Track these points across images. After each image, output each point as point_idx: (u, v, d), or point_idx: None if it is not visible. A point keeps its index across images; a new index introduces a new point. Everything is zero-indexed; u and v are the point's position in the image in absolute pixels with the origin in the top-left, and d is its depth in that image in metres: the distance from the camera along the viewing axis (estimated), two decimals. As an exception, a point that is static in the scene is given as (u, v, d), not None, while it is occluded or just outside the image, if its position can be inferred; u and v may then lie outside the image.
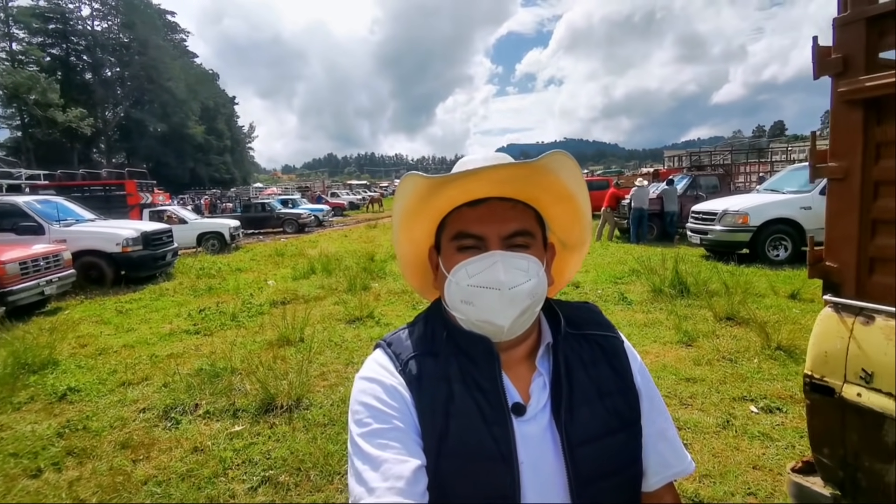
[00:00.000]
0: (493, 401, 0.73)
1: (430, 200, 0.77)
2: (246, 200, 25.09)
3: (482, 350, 0.76)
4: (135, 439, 3.18)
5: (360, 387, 0.76)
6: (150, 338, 5.47)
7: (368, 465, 0.67)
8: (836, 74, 1.51)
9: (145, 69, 50.05)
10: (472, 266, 0.74)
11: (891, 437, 1.38)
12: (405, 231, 0.84)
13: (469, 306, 0.74)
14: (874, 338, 1.42)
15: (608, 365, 0.81)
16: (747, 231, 8.45)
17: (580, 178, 0.78)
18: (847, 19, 1.48)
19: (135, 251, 8.86)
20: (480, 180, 0.72)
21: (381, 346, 0.82)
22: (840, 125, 1.52)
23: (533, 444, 0.72)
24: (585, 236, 0.89)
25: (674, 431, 0.85)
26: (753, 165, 20.97)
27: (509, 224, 0.75)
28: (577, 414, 0.74)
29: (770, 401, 3.30)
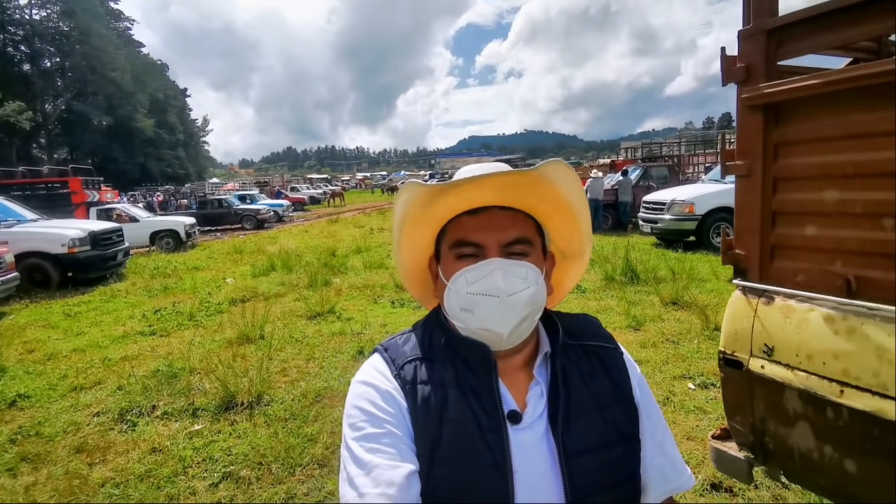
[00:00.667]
0: (489, 408, 0.72)
1: (431, 209, 0.77)
2: (202, 197, 24.32)
3: (479, 357, 0.76)
4: (90, 443, 3.14)
5: (355, 391, 0.77)
6: (102, 341, 5.33)
7: (361, 469, 0.67)
8: (740, 82, 1.68)
9: (87, 59, 47.48)
10: (471, 274, 0.74)
11: (790, 404, 1.57)
12: (406, 239, 0.84)
13: (468, 314, 0.75)
14: (774, 316, 1.61)
15: (607, 376, 0.81)
16: (693, 220, 8.90)
17: (579, 189, 0.79)
18: (749, 31, 1.64)
19: (82, 252, 8.52)
20: (480, 188, 0.73)
21: (378, 350, 0.83)
22: (744, 127, 1.69)
23: (528, 453, 0.72)
24: (585, 246, 0.89)
25: (673, 446, 0.84)
26: (703, 156, 21.89)
27: (508, 232, 0.76)
28: (574, 424, 0.74)
29: (706, 377, 3.56)
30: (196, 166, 67.98)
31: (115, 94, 49.16)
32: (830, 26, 1.50)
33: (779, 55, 1.62)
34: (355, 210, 26.71)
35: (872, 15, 1.41)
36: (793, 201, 1.61)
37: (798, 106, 1.55)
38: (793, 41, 1.58)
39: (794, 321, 1.56)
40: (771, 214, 1.66)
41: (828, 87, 1.45)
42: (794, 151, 1.59)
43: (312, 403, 3.50)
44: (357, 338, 4.91)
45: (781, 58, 1.63)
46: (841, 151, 1.46)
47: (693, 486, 0.85)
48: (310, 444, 2.97)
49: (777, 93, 1.55)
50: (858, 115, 1.40)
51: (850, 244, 1.47)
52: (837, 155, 1.47)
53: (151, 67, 60.39)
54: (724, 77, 1.72)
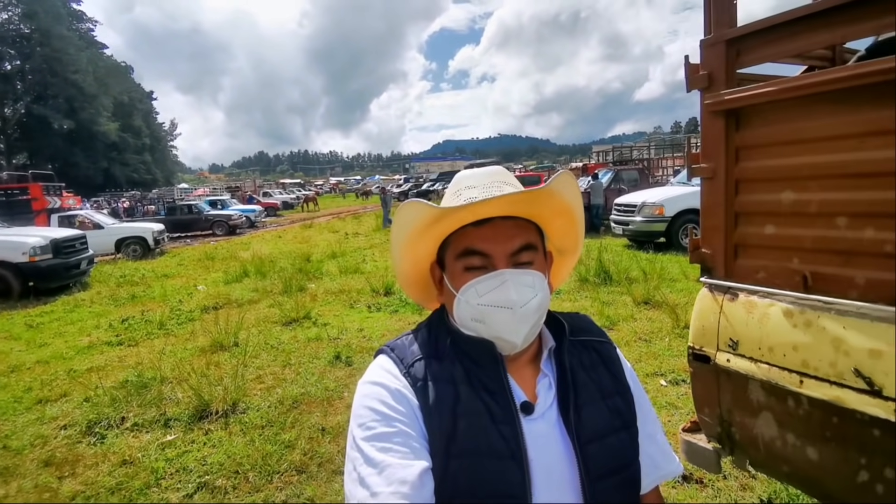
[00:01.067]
0: (501, 401, 0.74)
1: (437, 225, 0.78)
2: (170, 202, 23.71)
3: (486, 353, 0.77)
4: (58, 456, 3.05)
5: (364, 391, 0.76)
6: (67, 352, 5.15)
7: (373, 468, 0.67)
8: (703, 88, 1.76)
9: (48, 62, 45.80)
10: (481, 285, 0.75)
11: (754, 395, 1.65)
12: (408, 252, 0.85)
13: (480, 324, 0.76)
14: (738, 311, 1.68)
15: (605, 369, 0.85)
16: (663, 221, 9.14)
17: (577, 192, 0.84)
18: (711, 41, 1.72)
19: (43, 260, 8.22)
20: (488, 204, 0.74)
21: (384, 351, 0.83)
22: (708, 132, 1.77)
23: (542, 442, 0.74)
24: (579, 241, 0.93)
25: (663, 435, 0.90)
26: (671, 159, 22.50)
27: (514, 241, 0.77)
28: (584, 413, 0.77)
29: (677, 374, 3.67)
30: (164, 171, 66.17)
31: (77, 97, 47.52)
32: (786, 36, 1.58)
33: (738, 63, 1.70)
34: (329, 215, 26.47)
35: (825, 25, 1.49)
36: (753, 202, 1.69)
37: (756, 111, 1.64)
38: (751, 50, 1.67)
39: (756, 316, 1.64)
40: (734, 215, 1.74)
41: (783, 94, 1.53)
42: (753, 155, 1.67)
43: (289, 410, 3.46)
44: (334, 343, 4.87)
45: (740, 66, 1.71)
46: (796, 155, 1.54)
47: (681, 472, 0.91)
48: (287, 450, 2.94)
49: (736, 99, 1.63)
50: (811, 120, 1.49)
51: (806, 242, 1.56)
52: (792, 158, 1.55)
53: (115, 69, 58.65)
54: (688, 84, 1.79)
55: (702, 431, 1.96)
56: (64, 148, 47.93)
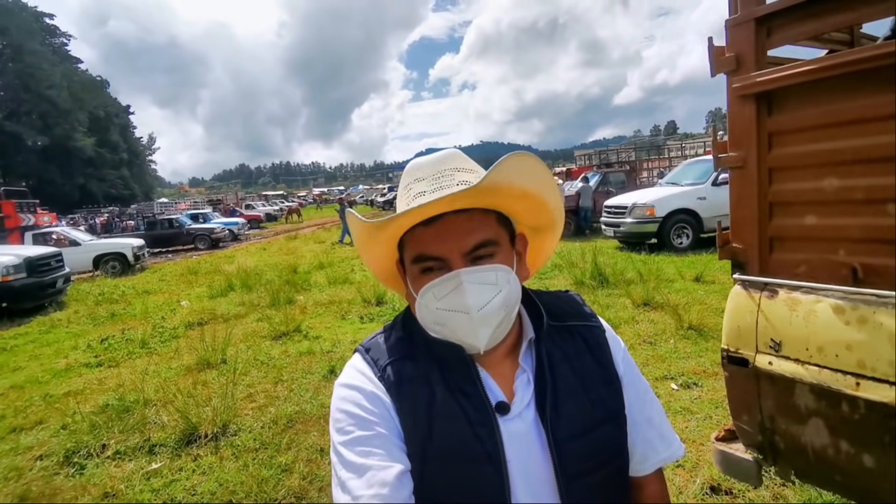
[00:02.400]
0: (477, 402, 0.72)
1: (381, 232, 0.74)
2: (150, 217, 23.17)
3: (455, 357, 0.75)
4: (34, 490, 2.81)
5: (339, 394, 0.75)
6: (42, 376, 4.86)
7: (352, 472, 0.66)
8: (730, 71, 1.64)
9: (20, 77, 44.74)
10: (437, 289, 0.72)
11: (801, 400, 1.52)
12: (369, 257, 0.83)
13: (443, 328, 0.73)
14: (779, 310, 1.56)
15: (591, 356, 0.80)
16: (654, 222, 9.11)
17: (537, 172, 0.73)
18: (738, 20, 1.61)
19: (17, 279, 7.86)
20: (431, 206, 0.67)
21: (359, 351, 0.81)
22: (736, 118, 1.65)
23: (519, 443, 0.71)
24: (555, 216, 0.84)
25: (662, 417, 0.85)
26: (654, 161, 22.73)
27: (469, 238, 0.72)
28: (563, 409, 0.74)
29: (687, 377, 3.55)
30: (142, 186, 64.93)
31: (51, 113, 46.47)
32: (821, 13, 1.48)
33: (769, 43, 1.59)
34: (314, 226, 26.13)
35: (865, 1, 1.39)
36: (790, 191, 1.57)
37: (792, 94, 1.52)
38: (783, 28, 1.56)
39: (801, 314, 1.51)
40: (768, 205, 1.62)
41: (824, 73, 1.41)
42: (789, 140, 1.56)
43: (284, 430, 3.25)
44: (327, 356, 4.67)
45: (771, 46, 1.60)
46: (840, 138, 1.43)
47: (683, 455, 0.85)
48: (284, 475, 2.73)
49: (770, 80, 1.51)
50: (858, 99, 1.37)
51: (854, 232, 1.44)
52: (836, 142, 1.43)
53: (90, 84, 57.52)
54: (713, 67, 1.67)
55: (738, 440, 1.83)
56: (38, 164, 46.74)
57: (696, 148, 27.06)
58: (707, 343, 4.16)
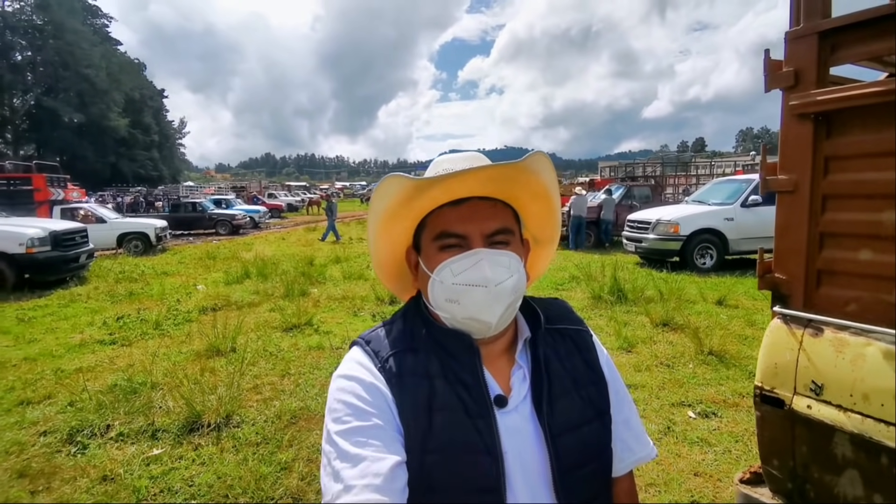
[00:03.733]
0: (476, 395, 0.73)
1: (413, 202, 0.76)
2: (175, 199, 23.57)
3: (462, 345, 0.76)
4: (34, 467, 2.80)
5: (338, 385, 0.75)
6: (56, 349, 4.91)
7: (347, 462, 0.66)
8: (787, 88, 1.52)
9: (60, 55, 45.92)
10: (456, 264, 0.74)
11: (840, 450, 1.39)
12: (384, 232, 0.83)
13: (455, 305, 0.75)
14: (824, 350, 1.43)
15: (580, 357, 0.84)
16: (678, 240, 8.89)
17: (555, 178, 0.82)
18: (799, 33, 1.49)
19: (41, 252, 7.99)
20: (465, 181, 0.73)
21: (358, 343, 0.81)
22: (790, 139, 1.53)
23: (516, 435, 0.73)
24: (556, 232, 0.92)
25: (637, 419, 0.90)
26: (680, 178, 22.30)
27: (491, 222, 0.76)
28: (557, 405, 0.76)
29: (706, 406, 3.40)
30: (171, 169, 66.10)
31: (88, 92, 47.60)
32: (893, 31, 1.35)
33: (833, 60, 1.47)
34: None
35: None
36: (845, 222, 1.45)
37: (856, 116, 1.40)
38: (850, 45, 1.43)
39: (847, 356, 1.39)
40: (818, 235, 1.50)
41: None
42: (848, 166, 1.43)
43: (287, 426, 3.20)
44: (336, 353, 4.62)
45: (834, 63, 1.48)
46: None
47: (655, 457, 0.90)
48: (283, 473, 2.68)
49: (832, 100, 1.39)
50: (931, 127, 1.25)
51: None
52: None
53: (128, 66, 58.82)
54: (768, 82, 1.56)
55: (765, 485, 1.70)
56: (73, 141, 47.96)
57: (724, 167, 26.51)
58: (728, 371, 3.99)
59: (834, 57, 1.45)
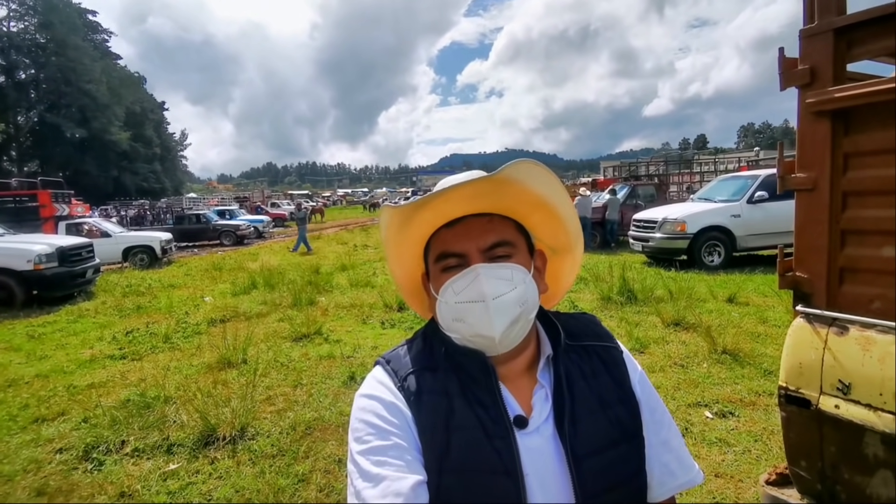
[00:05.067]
0: (495, 415, 0.72)
1: (408, 229, 0.77)
2: (178, 211, 23.65)
3: (478, 365, 0.75)
4: (52, 485, 2.79)
5: (359, 404, 0.76)
6: (68, 366, 4.91)
7: (368, 482, 0.67)
8: (803, 85, 1.52)
9: (62, 71, 46.26)
10: (456, 284, 0.74)
11: (871, 450, 1.38)
12: (395, 260, 0.85)
13: (461, 324, 0.74)
14: (850, 348, 1.42)
15: (608, 375, 0.80)
16: (685, 238, 8.85)
17: (552, 184, 0.77)
18: (814, 30, 1.48)
19: (49, 268, 8.03)
20: (450, 201, 0.73)
21: (380, 363, 0.82)
22: (808, 136, 1.53)
23: (537, 457, 0.71)
24: (573, 239, 0.87)
25: (679, 441, 0.83)
26: (683, 176, 22.27)
27: (487, 237, 0.76)
28: (581, 426, 0.73)
29: (722, 405, 3.37)
30: (173, 181, 66.36)
31: (90, 107, 47.90)
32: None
33: (849, 57, 1.46)
34: (337, 226, 26.34)
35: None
36: (867, 218, 1.43)
37: (874, 112, 1.39)
38: (866, 41, 1.43)
39: (875, 355, 1.37)
40: (840, 233, 1.49)
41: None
42: (868, 163, 1.42)
43: (303, 437, 3.19)
44: (347, 362, 4.61)
45: (850, 60, 1.47)
46: (930, 163, 1.29)
47: (702, 481, 0.82)
48: (301, 485, 2.67)
49: (851, 96, 1.38)
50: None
51: (941, 267, 1.30)
52: (924, 167, 1.30)
53: (128, 80, 59.19)
54: (783, 80, 1.55)
55: (791, 486, 1.68)
56: (75, 156, 48.22)
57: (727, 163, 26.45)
58: (743, 369, 3.96)
59: (850, 53, 1.45)
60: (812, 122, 1.50)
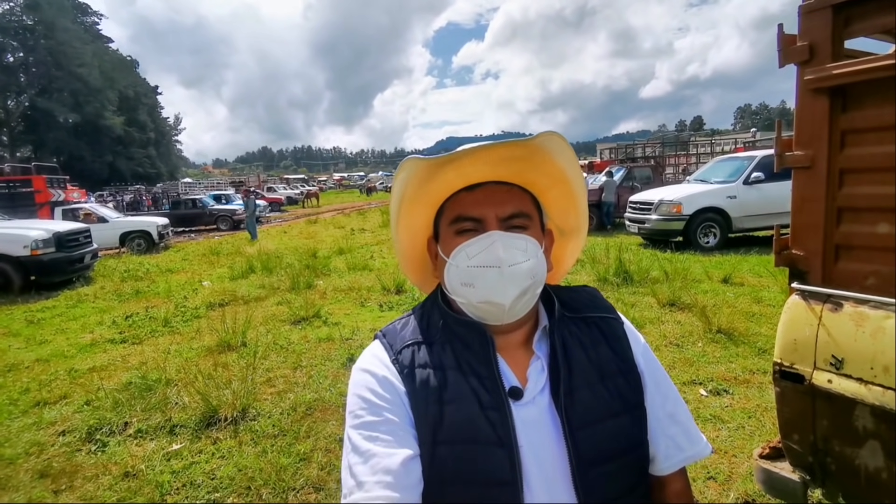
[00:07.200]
0: (490, 386, 0.72)
1: (429, 185, 0.76)
2: (175, 196, 23.52)
3: (476, 335, 0.76)
4: (55, 467, 2.83)
5: (355, 378, 0.77)
6: (68, 350, 4.94)
7: (359, 457, 0.68)
8: (802, 63, 1.51)
9: (53, 54, 45.53)
10: (471, 247, 0.74)
11: (861, 422, 1.41)
12: (405, 219, 0.82)
13: (470, 288, 0.74)
14: (843, 324, 1.44)
15: (608, 346, 0.79)
16: (681, 220, 8.87)
17: (575, 162, 0.78)
18: (813, 6, 1.47)
19: (46, 254, 8.01)
20: (477, 163, 0.72)
21: (378, 336, 0.82)
22: (806, 114, 1.53)
23: (532, 428, 0.71)
24: (581, 222, 0.89)
25: (686, 414, 0.82)
26: (679, 157, 22.22)
27: (506, 206, 0.76)
28: (578, 396, 0.73)
29: (717, 383, 3.42)
30: (168, 166, 65.85)
31: (82, 91, 47.28)
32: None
33: (847, 33, 1.45)
34: (334, 210, 26.25)
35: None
36: (863, 195, 1.45)
37: (872, 89, 1.39)
38: (863, 17, 1.42)
39: (867, 330, 1.39)
40: (836, 210, 1.50)
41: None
42: (864, 140, 1.43)
43: (303, 417, 3.23)
44: (346, 344, 4.64)
45: (849, 36, 1.47)
46: (926, 139, 1.30)
47: (709, 454, 0.82)
48: (303, 463, 2.71)
49: (849, 73, 1.38)
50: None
51: (935, 243, 1.31)
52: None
53: (120, 63, 58.32)
54: (782, 57, 1.55)
55: (784, 459, 1.72)
56: (69, 141, 47.76)
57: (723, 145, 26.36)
58: (737, 348, 4.01)
59: (848, 30, 1.44)
60: (810, 100, 1.50)
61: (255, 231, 14.30)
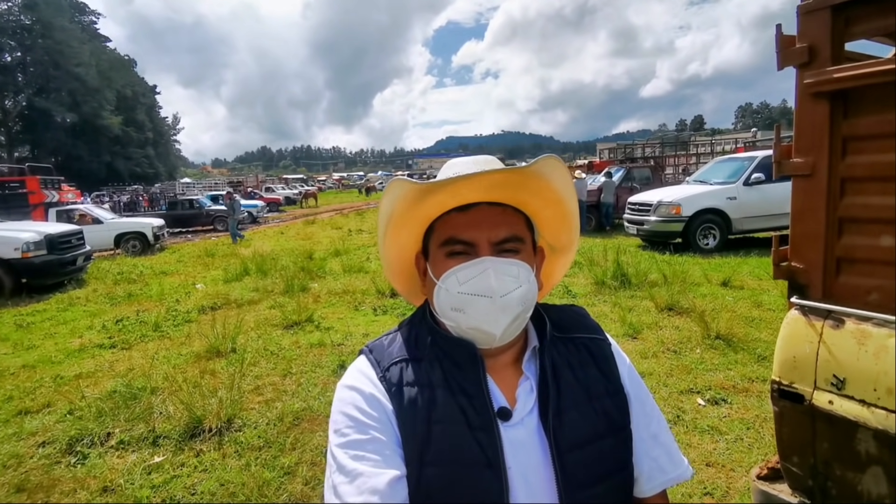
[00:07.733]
0: (479, 406, 0.70)
1: (419, 206, 0.74)
2: (171, 197, 23.42)
3: (466, 355, 0.74)
4: (32, 480, 2.74)
5: (340, 395, 0.74)
6: (56, 355, 4.86)
7: (345, 477, 0.66)
8: (801, 65, 1.43)
9: (50, 54, 45.30)
10: (462, 273, 0.72)
11: (864, 446, 1.33)
12: (392, 236, 0.80)
13: (460, 314, 0.72)
14: (845, 342, 1.36)
15: (596, 368, 0.79)
16: (680, 221, 8.79)
17: (569, 182, 0.77)
18: (811, 6, 1.39)
19: (37, 256, 7.91)
20: (471, 185, 0.70)
21: (364, 352, 0.80)
22: (805, 119, 1.45)
23: (520, 450, 0.70)
24: (573, 239, 0.87)
25: (669, 436, 0.82)
26: (679, 158, 22.12)
27: (500, 229, 0.73)
28: (566, 418, 0.72)
29: (715, 392, 3.34)
30: (166, 166, 65.62)
31: (80, 90, 47.06)
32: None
33: (847, 35, 1.37)
34: (332, 211, 26.16)
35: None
36: (865, 206, 1.36)
37: (874, 94, 1.31)
38: (864, 19, 1.34)
39: (870, 349, 1.31)
40: (837, 221, 1.42)
41: (920, 70, 1.20)
42: (867, 147, 1.35)
43: (290, 428, 3.15)
44: (338, 350, 4.56)
45: (849, 39, 1.39)
46: (933, 147, 1.22)
47: (690, 477, 0.81)
48: (287, 478, 2.63)
49: (851, 77, 1.30)
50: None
51: (943, 258, 1.23)
52: (928, 151, 1.23)
53: (118, 63, 58.09)
54: (780, 60, 1.47)
55: (783, 480, 1.64)
56: (67, 141, 47.55)
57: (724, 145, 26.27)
58: (736, 355, 3.93)
59: (848, 32, 1.36)
60: (810, 104, 1.42)
61: (237, 234, 14.04)
